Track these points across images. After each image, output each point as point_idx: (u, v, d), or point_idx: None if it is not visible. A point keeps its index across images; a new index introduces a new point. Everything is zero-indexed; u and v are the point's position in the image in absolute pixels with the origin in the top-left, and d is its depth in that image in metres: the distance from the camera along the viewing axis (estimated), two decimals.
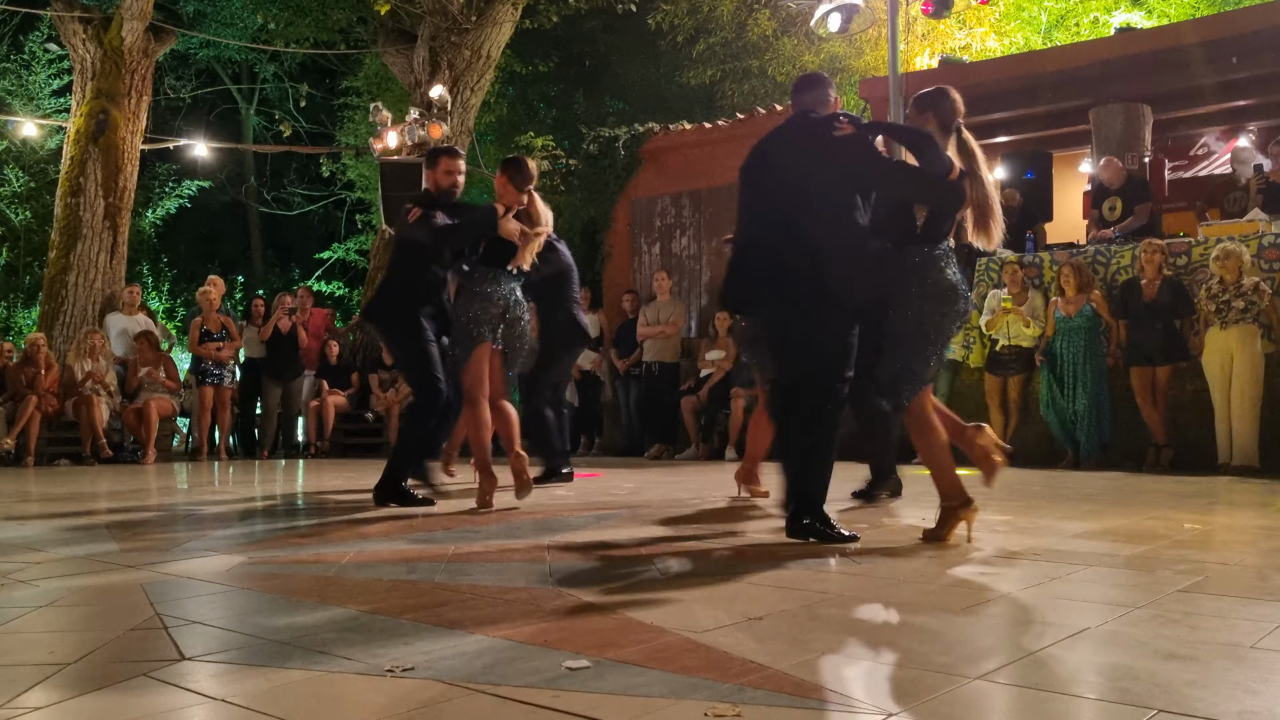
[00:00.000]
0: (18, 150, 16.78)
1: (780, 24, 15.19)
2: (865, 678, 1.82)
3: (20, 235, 17.03)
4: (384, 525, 4.23)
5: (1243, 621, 2.25)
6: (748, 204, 3.83)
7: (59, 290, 11.13)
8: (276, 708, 1.67)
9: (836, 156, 3.62)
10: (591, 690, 1.73)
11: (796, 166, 3.68)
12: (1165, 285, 7.29)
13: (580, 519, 4.38)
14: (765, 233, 3.74)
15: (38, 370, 9.57)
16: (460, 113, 12.28)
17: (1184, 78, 9.49)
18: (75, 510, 5.03)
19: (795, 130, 3.78)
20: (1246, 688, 1.74)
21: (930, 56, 13.73)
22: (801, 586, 2.69)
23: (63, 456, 9.61)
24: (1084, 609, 2.41)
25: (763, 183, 3.79)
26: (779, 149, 3.79)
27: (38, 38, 17.09)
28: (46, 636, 2.22)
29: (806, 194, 3.61)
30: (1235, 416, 6.84)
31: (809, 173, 3.63)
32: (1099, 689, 1.73)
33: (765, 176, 3.79)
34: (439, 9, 12.15)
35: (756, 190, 3.80)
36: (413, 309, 4.89)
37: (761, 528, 3.97)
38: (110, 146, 11.39)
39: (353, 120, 18.42)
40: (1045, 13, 14.27)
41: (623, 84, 17.95)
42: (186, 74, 21.53)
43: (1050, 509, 4.20)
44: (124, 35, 11.52)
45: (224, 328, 10.28)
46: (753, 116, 11.10)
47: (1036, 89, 9.82)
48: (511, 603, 2.52)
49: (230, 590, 2.76)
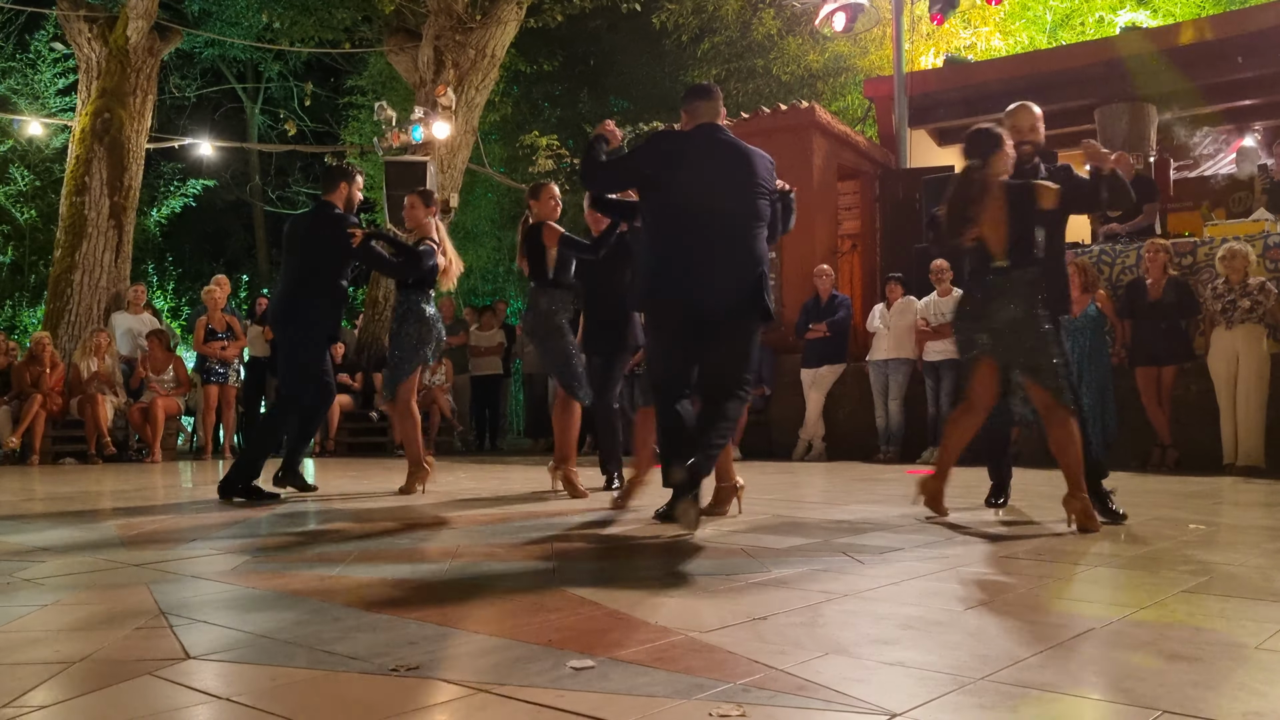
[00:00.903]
0: (23, 149, 16.81)
1: (785, 23, 15.19)
2: (869, 678, 1.82)
3: (25, 234, 17.06)
4: (387, 524, 4.24)
5: (1248, 622, 2.24)
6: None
7: (64, 289, 11.16)
8: (281, 706, 1.67)
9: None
10: (596, 690, 1.73)
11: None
12: (1170, 285, 7.28)
13: (584, 518, 4.38)
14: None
15: (43, 369, 9.59)
16: (465, 112, 12.28)
17: (1189, 77, 9.48)
18: (80, 509, 5.04)
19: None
20: (1251, 689, 1.74)
21: (935, 56, 13.72)
22: (805, 586, 2.69)
23: (68, 455, 9.63)
24: (1088, 609, 2.41)
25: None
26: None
27: (43, 37, 17.12)
28: (51, 635, 2.22)
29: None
30: (1241, 417, 6.82)
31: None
32: (1104, 689, 1.73)
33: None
34: (444, 8, 12.15)
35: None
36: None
37: (762, 527, 3.97)
38: (115, 145, 11.41)
39: (357, 119, 18.42)
40: (1050, 12, 14.25)
41: (627, 83, 17.94)
42: (191, 73, 21.55)
43: (1054, 509, 4.18)
44: (129, 34, 11.53)
45: (229, 326, 10.29)
46: (757, 115, 11.08)
47: (1041, 88, 9.80)
48: (516, 602, 2.52)
49: (235, 589, 2.76)
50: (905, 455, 8.77)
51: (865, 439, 9.10)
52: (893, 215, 10.66)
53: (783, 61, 15.16)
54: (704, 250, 3.95)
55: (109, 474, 7.88)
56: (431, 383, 10.78)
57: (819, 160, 10.56)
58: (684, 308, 3.96)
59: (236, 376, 10.46)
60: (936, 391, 8.65)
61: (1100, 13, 13.78)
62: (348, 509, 4.89)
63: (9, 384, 9.65)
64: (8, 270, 17.19)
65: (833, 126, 10.91)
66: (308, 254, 5.52)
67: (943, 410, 8.60)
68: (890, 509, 4.66)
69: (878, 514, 4.45)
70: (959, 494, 4.69)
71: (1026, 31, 14.19)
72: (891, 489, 5.86)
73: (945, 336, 8.71)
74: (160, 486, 6.62)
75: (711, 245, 3.96)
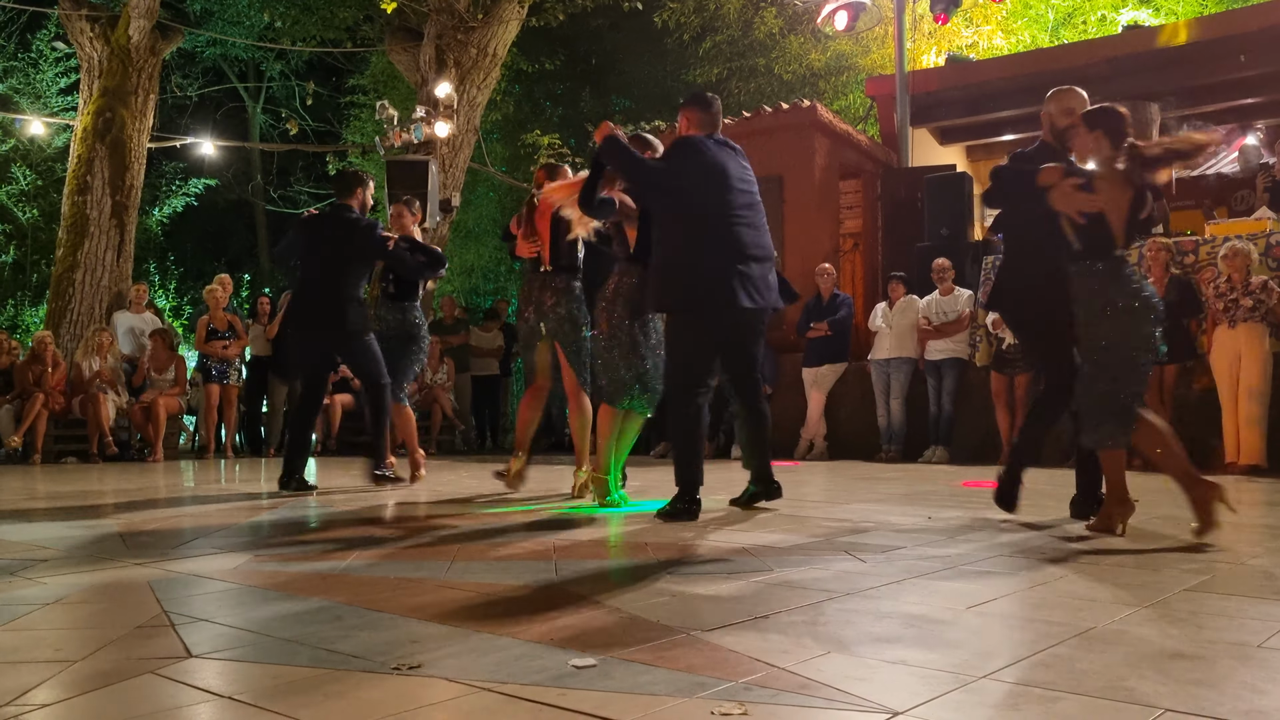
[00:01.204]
0: (25, 148, 16.83)
1: (787, 22, 15.19)
2: (871, 676, 1.81)
3: (27, 233, 17.08)
4: (390, 523, 4.24)
5: (1250, 621, 2.24)
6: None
7: (66, 288, 11.17)
8: (283, 705, 1.67)
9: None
10: (598, 688, 1.73)
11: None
12: (1173, 284, 7.27)
13: (586, 517, 4.38)
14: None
15: (45, 368, 9.60)
16: (466, 111, 12.29)
17: (1191, 75, 9.47)
18: (82, 508, 5.04)
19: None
20: (1254, 687, 1.74)
21: (937, 54, 13.72)
22: (807, 585, 2.68)
23: (70, 454, 9.64)
24: (1091, 607, 2.40)
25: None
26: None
27: (45, 36, 17.14)
28: (53, 634, 2.22)
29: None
30: (1243, 415, 6.82)
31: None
32: (1106, 688, 1.73)
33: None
34: (445, 7, 12.15)
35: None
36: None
37: (764, 526, 3.97)
38: (117, 144, 11.42)
39: (359, 118, 18.44)
40: (1052, 10, 14.24)
41: (629, 82, 17.95)
42: (193, 72, 21.57)
43: (1057, 508, 4.19)
44: (131, 33, 11.54)
45: (230, 326, 10.30)
46: (759, 114, 11.08)
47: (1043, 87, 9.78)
48: (517, 601, 2.52)
49: (237, 588, 2.76)
50: (907, 454, 8.77)
51: (867, 438, 9.10)
52: (894, 214, 10.66)
53: (784, 60, 15.15)
54: (744, 255, 4.29)
55: (111, 473, 7.88)
56: (433, 382, 10.79)
57: (821, 159, 10.56)
58: (739, 313, 4.27)
59: (238, 376, 10.47)
60: (938, 391, 8.65)
61: (1102, 11, 13.77)
62: (349, 508, 4.89)
63: (11, 383, 9.66)
64: (10, 269, 17.21)
65: (834, 125, 10.91)
66: (338, 257, 5.69)
67: (944, 410, 8.60)
68: (892, 507, 4.65)
69: (880, 513, 4.45)
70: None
71: (1028, 30, 14.18)
72: (893, 488, 5.86)
73: (947, 335, 8.71)
74: (162, 486, 6.63)
75: (749, 249, 4.31)
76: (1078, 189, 3.59)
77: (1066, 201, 3.60)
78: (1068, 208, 3.60)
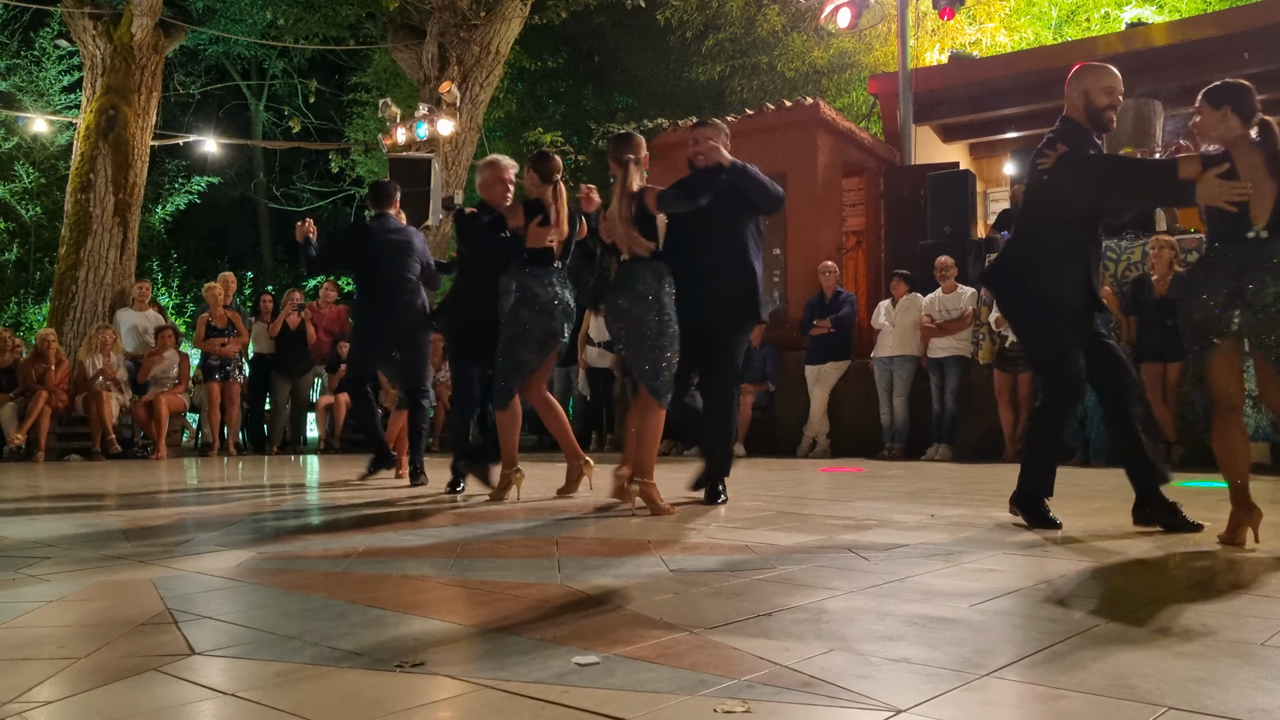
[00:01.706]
0: (28, 146, 16.85)
1: (789, 19, 15.17)
2: (874, 674, 1.81)
3: (31, 231, 17.10)
4: (392, 521, 4.24)
5: (1253, 619, 2.24)
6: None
7: (69, 286, 11.18)
8: (286, 702, 1.67)
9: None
10: (600, 686, 1.73)
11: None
12: (1176, 282, 7.26)
13: (588, 515, 4.38)
14: None
15: (48, 366, 9.61)
16: (469, 108, 12.29)
17: (1195, 73, 9.44)
18: (86, 506, 5.05)
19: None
20: (1257, 685, 1.74)
21: (940, 52, 13.70)
22: (810, 583, 2.68)
23: (73, 452, 9.65)
24: (1093, 605, 2.40)
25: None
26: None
27: (48, 34, 17.15)
28: (56, 630, 2.23)
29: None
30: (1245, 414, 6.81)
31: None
32: (1109, 686, 1.73)
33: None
34: (448, 5, 12.15)
35: None
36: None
37: (767, 524, 3.97)
38: (120, 142, 11.43)
39: (362, 116, 18.46)
40: (1056, 8, 14.22)
41: (631, 80, 17.94)
42: (196, 70, 21.58)
43: (1059, 506, 4.18)
44: (134, 31, 11.55)
45: (231, 323, 10.30)
46: (761, 112, 11.08)
47: (1047, 84, 9.78)
48: (520, 598, 2.52)
49: (240, 585, 2.76)
50: (910, 452, 8.77)
51: (870, 436, 9.09)
52: (897, 212, 10.65)
53: (787, 58, 15.14)
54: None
55: (114, 471, 7.89)
56: (437, 380, 10.78)
57: (823, 157, 10.55)
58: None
59: (240, 373, 10.48)
60: (941, 389, 8.64)
61: (1105, 9, 13.75)
62: (353, 505, 4.89)
63: (14, 381, 9.68)
64: (13, 267, 17.23)
65: (837, 123, 10.90)
66: (410, 262, 6.17)
67: (947, 408, 8.60)
68: (894, 505, 4.65)
69: (882, 511, 4.44)
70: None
71: (1032, 27, 14.16)
72: (895, 486, 5.85)
73: (950, 333, 8.70)
74: (165, 483, 6.64)
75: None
76: (1222, 177, 3.41)
77: (1215, 193, 3.41)
78: (1217, 199, 3.41)
